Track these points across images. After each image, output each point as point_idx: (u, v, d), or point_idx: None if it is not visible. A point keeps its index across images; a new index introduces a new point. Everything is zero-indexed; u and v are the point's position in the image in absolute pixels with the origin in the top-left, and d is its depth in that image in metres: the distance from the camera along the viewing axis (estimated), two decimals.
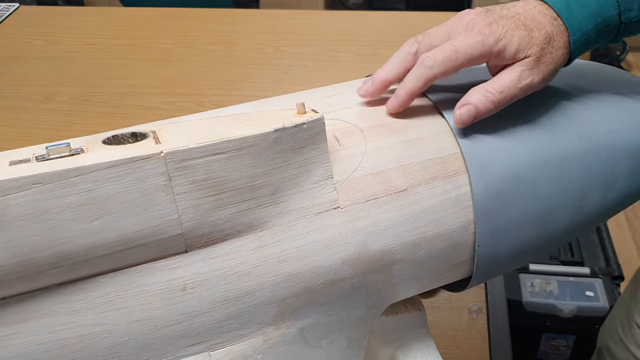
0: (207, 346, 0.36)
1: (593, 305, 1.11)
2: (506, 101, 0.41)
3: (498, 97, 0.40)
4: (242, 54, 1.16)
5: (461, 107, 0.40)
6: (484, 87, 0.41)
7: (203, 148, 0.32)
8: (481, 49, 0.40)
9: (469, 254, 0.43)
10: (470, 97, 0.40)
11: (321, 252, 0.37)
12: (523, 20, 0.41)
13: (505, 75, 0.41)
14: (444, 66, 0.40)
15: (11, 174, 0.29)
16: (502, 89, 0.40)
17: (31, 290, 0.32)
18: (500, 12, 0.42)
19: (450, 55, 0.40)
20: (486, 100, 0.40)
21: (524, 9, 0.42)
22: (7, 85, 1.11)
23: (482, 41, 0.40)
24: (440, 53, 0.40)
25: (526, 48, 0.40)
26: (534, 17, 0.41)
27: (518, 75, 0.41)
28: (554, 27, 0.41)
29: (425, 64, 0.41)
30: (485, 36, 0.40)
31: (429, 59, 0.40)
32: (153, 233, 0.33)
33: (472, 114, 0.40)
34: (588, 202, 0.46)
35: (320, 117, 0.36)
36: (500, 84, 0.41)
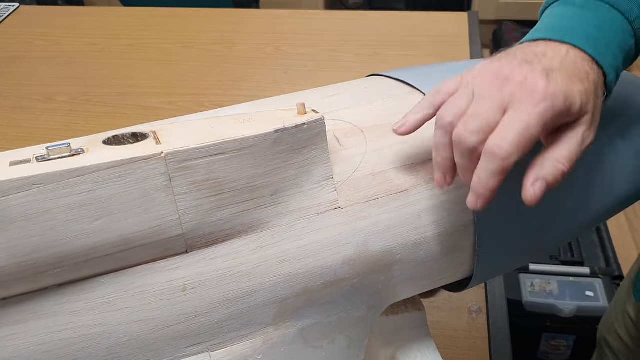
0: (208, 346, 0.36)
1: (593, 305, 1.11)
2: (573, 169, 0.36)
3: (568, 167, 0.35)
4: (242, 54, 1.16)
5: (533, 183, 0.34)
6: (553, 157, 0.35)
7: (203, 148, 0.32)
8: (552, 114, 0.34)
9: (469, 255, 0.43)
10: (540, 170, 0.35)
11: (321, 253, 0.37)
12: (570, 70, 0.36)
13: (569, 141, 0.35)
14: (521, 150, 0.34)
15: (12, 174, 0.29)
16: (570, 156, 0.35)
17: (31, 290, 0.32)
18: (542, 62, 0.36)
19: (524, 134, 0.33)
20: (557, 173, 0.35)
21: (561, 57, 0.37)
22: (7, 85, 1.11)
23: (552, 106, 0.34)
24: (513, 137, 0.33)
25: (586, 102, 0.36)
26: (576, 65, 0.36)
27: (581, 137, 0.36)
28: (594, 73, 0.37)
29: (498, 156, 0.33)
30: (554, 98, 0.34)
31: (501, 149, 0.33)
32: (153, 233, 0.33)
33: (544, 189, 0.34)
34: (590, 202, 0.46)
35: (321, 118, 0.36)
36: (568, 152, 0.35)
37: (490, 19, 2.40)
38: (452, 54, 1.11)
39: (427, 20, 1.22)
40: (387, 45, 1.15)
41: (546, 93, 0.34)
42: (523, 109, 0.34)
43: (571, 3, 0.41)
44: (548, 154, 0.35)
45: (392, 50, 1.14)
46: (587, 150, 0.37)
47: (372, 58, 1.12)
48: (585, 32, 0.38)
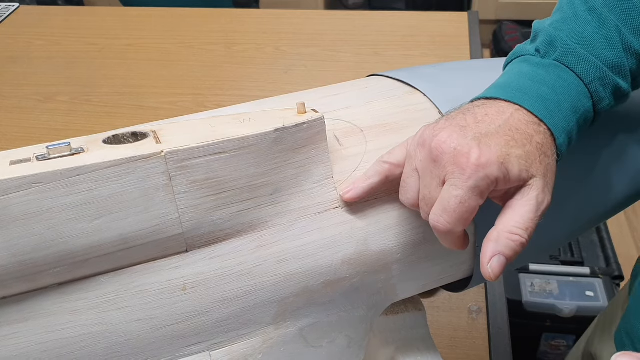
0: (207, 346, 0.36)
1: (593, 305, 1.11)
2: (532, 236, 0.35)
3: (526, 238, 0.34)
4: (242, 54, 1.16)
5: (490, 259, 0.34)
6: (507, 229, 0.34)
7: (203, 147, 0.32)
8: (487, 183, 0.33)
9: (470, 254, 0.43)
10: (495, 245, 0.34)
11: (321, 252, 0.37)
12: (510, 134, 0.35)
13: (522, 209, 0.34)
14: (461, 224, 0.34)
15: (12, 173, 0.29)
16: (527, 225, 0.34)
17: (31, 289, 0.32)
18: (478, 127, 0.35)
19: (459, 210, 0.33)
20: (515, 245, 0.34)
21: (503, 120, 0.36)
22: (7, 85, 1.11)
23: (485, 176, 0.33)
24: (450, 213, 0.34)
25: (527, 166, 0.35)
26: (518, 128, 0.36)
27: (534, 202, 0.34)
28: (540, 134, 0.36)
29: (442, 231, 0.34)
30: (486, 168, 0.33)
31: (442, 226, 0.34)
32: (153, 233, 0.33)
33: (504, 264, 0.34)
34: (588, 202, 0.46)
35: (321, 117, 0.36)
36: (522, 220, 0.34)
37: (490, 19, 2.41)
38: (452, 54, 1.11)
39: (427, 20, 1.22)
40: (387, 45, 1.15)
41: (477, 165, 0.33)
42: (457, 183, 0.33)
43: (529, 62, 0.40)
44: (502, 226, 0.34)
45: (392, 50, 1.14)
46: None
47: (372, 58, 1.12)
48: (536, 93, 0.37)
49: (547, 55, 0.39)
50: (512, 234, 0.34)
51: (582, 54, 0.38)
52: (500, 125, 0.35)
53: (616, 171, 0.47)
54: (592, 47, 0.39)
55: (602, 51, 0.39)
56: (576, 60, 0.39)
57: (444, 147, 0.34)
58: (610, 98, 0.39)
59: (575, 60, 0.39)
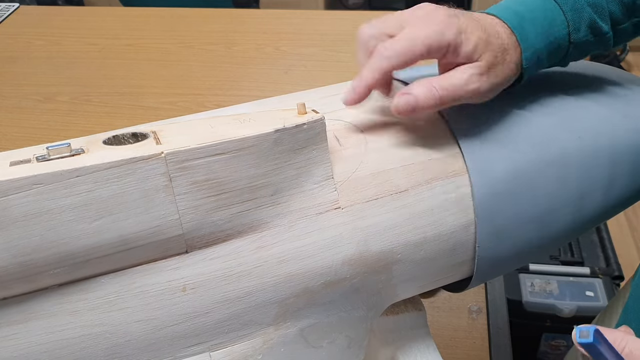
0: (208, 347, 0.36)
1: (593, 305, 1.11)
2: (449, 101, 0.39)
3: (441, 94, 0.38)
4: (242, 54, 1.16)
5: (401, 95, 0.38)
6: (430, 81, 0.38)
7: (204, 148, 0.32)
8: (440, 39, 0.37)
9: (470, 255, 0.43)
10: (413, 88, 0.38)
11: (322, 253, 0.37)
12: (483, 24, 0.39)
13: (453, 74, 0.39)
14: (402, 57, 0.38)
15: (12, 174, 0.29)
16: (448, 87, 0.38)
17: (32, 290, 0.32)
18: (461, 12, 0.40)
19: (407, 45, 0.37)
20: (429, 94, 0.38)
21: (483, 17, 0.40)
22: (7, 85, 1.11)
23: (442, 31, 0.37)
24: (398, 43, 0.38)
25: (482, 50, 0.38)
26: (493, 26, 0.40)
27: (467, 77, 0.38)
28: (509, 40, 0.40)
29: (382, 55, 0.38)
30: (445, 27, 0.38)
31: (386, 50, 0.38)
32: (154, 234, 0.33)
33: (412, 104, 0.38)
34: (588, 202, 0.46)
35: (321, 118, 0.36)
36: (447, 82, 0.38)
37: None
38: None
39: None
40: None
41: (441, 21, 0.38)
42: (417, 28, 0.38)
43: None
44: (429, 79, 0.38)
45: None
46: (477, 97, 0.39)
47: None
48: (514, 10, 0.41)
49: None
50: (432, 86, 0.38)
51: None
52: (477, 18, 0.40)
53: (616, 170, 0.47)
54: None
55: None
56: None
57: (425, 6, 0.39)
58: (586, 31, 0.42)
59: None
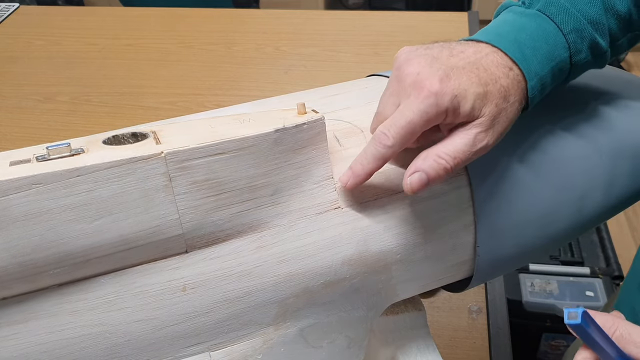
0: (208, 346, 0.36)
1: (593, 305, 1.11)
2: (459, 167, 0.37)
3: (451, 164, 0.36)
4: (242, 54, 1.16)
5: (412, 174, 0.36)
6: (436, 152, 0.36)
7: (204, 148, 0.32)
8: (436, 111, 0.36)
9: (470, 255, 0.43)
10: (421, 163, 0.36)
11: (321, 253, 0.37)
12: (477, 73, 0.37)
13: (458, 140, 0.37)
14: (403, 142, 0.36)
15: (12, 174, 0.29)
16: (456, 154, 0.36)
17: (32, 290, 0.32)
18: (449, 60, 0.37)
19: (406, 128, 0.36)
20: (439, 168, 0.36)
21: (476, 58, 0.38)
22: (7, 85, 1.11)
23: (436, 103, 0.35)
24: (396, 129, 0.36)
25: (481, 105, 0.36)
26: (487, 68, 0.37)
27: (472, 138, 0.37)
28: (509, 79, 0.38)
29: (383, 143, 0.36)
30: (438, 96, 0.35)
31: (387, 138, 0.36)
32: (153, 233, 0.33)
33: (424, 182, 0.36)
34: (589, 202, 0.46)
35: (321, 118, 0.36)
36: (454, 149, 0.36)
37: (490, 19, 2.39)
38: None
39: (427, 20, 1.22)
40: (387, 45, 1.15)
41: (431, 91, 0.35)
42: (409, 104, 0.36)
43: (514, 11, 0.42)
44: (434, 149, 0.37)
45: (392, 50, 1.14)
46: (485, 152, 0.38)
47: (372, 58, 1.12)
48: (514, 37, 0.39)
49: (531, 5, 0.41)
50: (439, 157, 0.36)
51: (564, 6, 0.40)
52: (470, 62, 0.37)
53: (616, 170, 0.47)
54: (574, 1, 0.41)
55: (582, 6, 0.41)
56: (557, 11, 0.40)
57: (410, 70, 0.37)
58: (587, 52, 0.41)
59: (556, 11, 0.40)
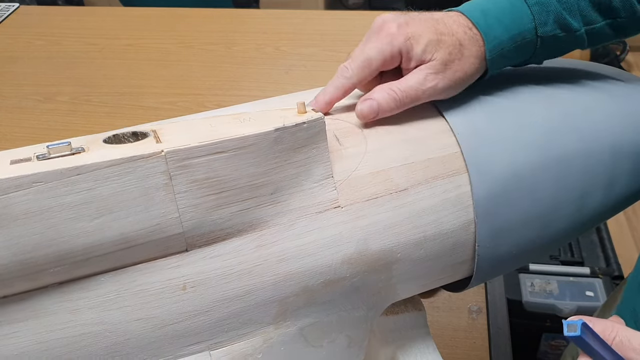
0: (208, 345, 0.36)
1: (593, 305, 1.11)
2: (408, 101, 0.41)
3: (400, 96, 0.41)
4: (242, 54, 1.16)
5: (364, 101, 0.41)
6: (389, 85, 0.41)
7: (204, 147, 0.32)
8: (390, 49, 0.41)
9: (470, 254, 0.43)
10: (374, 93, 0.41)
11: (321, 252, 0.37)
12: (434, 25, 0.42)
13: (410, 77, 0.41)
14: (361, 74, 0.41)
15: (12, 172, 0.29)
16: (406, 89, 0.41)
17: (32, 289, 0.32)
18: (413, 15, 0.42)
19: (364, 63, 0.41)
20: (389, 98, 0.41)
21: (440, 16, 0.43)
22: (7, 85, 1.11)
23: (390, 42, 0.41)
24: (356, 62, 0.41)
25: (433, 50, 0.41)
26: (447, 23, 0.42)
27: (423, 77, 0.41)
28: (466, 35, 0.42)
29: (343, 75, 0.42)
30: (393, 37, 0.41)
31: (347, 70, 0.41)
32: (153, 232, 0.33)
33: (374, 109, 0.41)
34: (589, 202, 0.46)
35: (321, 117, 0.36)
36: (405, 85, 0.41)
37: None
38: None
39: None
40: None
41: (391, 33, 0.41)
42: (369, 43, 0.42)
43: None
44: (388, 84, 0.41)
45: None
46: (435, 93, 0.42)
47: None
48: (480, 7, 0.43)
49: None
50: (391, 89, 0.41)
51: None
52: (432, 18, 0.42)
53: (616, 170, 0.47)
54: None
55: None
56: None
57: (377, 20, 0.42)
58: (553, 25, 0.44)
59: None
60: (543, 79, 0.48)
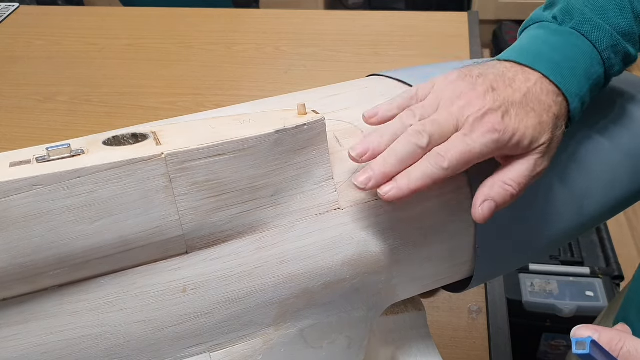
0: (208, 347, 0.36)
1: (593, 305, 1.11)
2: (523, 192, 0.39)
3: (517, 190, 0.38)
4: (242, 54, 1.16)
5: (482, 203, 0.37)
6: (502, 179, 0.38)
7: (204, 149, 0.32)
8: (496, 147, 0.37)
9: (470, 255, 0.43)
10: (489, 191, 0.37)
11: (322, 253, 0.37)
12: (531, 104, 0.38)
13: (520, 166, 0.38)
14: (458, 168, 0.37)
15: (12, 175, 0.29)
16: (520, 180, 0.38)
17: (32, 291, 0.32)
18: (505, 92, 0.38)
19: (466, 155, 0.36)
20: (505, 194, 0.37)
21: (528, 87, 0.39)
22: (7, 85, 1.11)
23: (498, 140, 0.37)
24: (456, 153, 0.36)
25: (539, 137, 0.38)
26: (539, 98, 0.39)
27: (533, 164, 0.38)
28: (557, 105, 0.39)
29: (440, 164, 0.36)
30: (501, 134, 0.37)
31: (445, 160, 0.36)
32: (154, 234, 0.33)
33: (493, 209, 0.37)
34: (589, 202, 0.46)
35: (321, 118, 0.36)
36: (517, 175, 0.38)
37: (490, 19, 2.40)
38: (452, 54, 1.11)
39: (427, 20, 1.22)
40: (387, 45, 1.15)
41: (495, 127, 0.37)
42: (473, 134, 0.37)
43: (546, 27, 0.42)
44: (498, 177, 0.38)
45: (392, 50, 1.14)
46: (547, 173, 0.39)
47: (372, 58, 1.12)
48: (551, 60, 0.40)
49: (564, 22, 0.42)
50: (505, 184, 0.38)
51: (598, 23, 0.41)
52: (524, 94, 0.38)
53: (616, 171, 0.47)
54: (606, 15, 0.41)
55: (614, 19, 0.41)
56: (591, 29, 0.41)
57: (476, 100, 0.38)
58: (620, 64, 0.42)
59: (591, 29, 0.41)
60: None
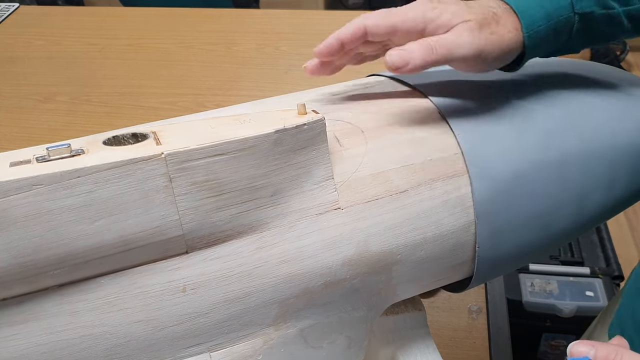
0: (208, 347, 0.36)
1: (593, 305, 1.11)
2: (443, 52, 0.40)
3: (434, 44, 0.39)
4: (242, 54, 1.16)
5: (396, 50, 0.40)
6: (425, 39, 0.40)
7: (204, 149, 0.32)
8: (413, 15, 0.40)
9: (470, 255, 0.43)
10: (408, 44, 0.40)
11: (322, 253, 0.37)
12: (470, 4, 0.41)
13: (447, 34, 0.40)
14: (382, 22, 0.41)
15: (12, 175, 0.29)
16: (444, 42, 0.39)
17: (32, 291, 0.32)
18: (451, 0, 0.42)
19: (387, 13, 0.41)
20: (422, 46, 0.39)
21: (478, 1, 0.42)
22: (7, 85, 1.11)
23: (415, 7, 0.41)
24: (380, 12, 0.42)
25: (462, 15, 0.40)
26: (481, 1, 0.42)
27: (458, 33, 0.40)
28: (500, 8, 0.41)
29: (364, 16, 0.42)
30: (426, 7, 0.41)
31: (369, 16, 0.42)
32: (153, 234, 0.32)
33: (405, 58, 0.39)
34: (589, 202, 0.46)
35: (321, 118, 0.36)
36: (442, 38, 0.40)
37: None
38: None
39: None
40: None
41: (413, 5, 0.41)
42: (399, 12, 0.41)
43: None
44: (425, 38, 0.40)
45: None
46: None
47: None
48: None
49: None
50: (428, 43, 0.39)
51: None
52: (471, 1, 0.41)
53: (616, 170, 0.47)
54: None
55: None
56: None
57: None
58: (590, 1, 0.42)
59: None
60: (543, 79, 0.48)
